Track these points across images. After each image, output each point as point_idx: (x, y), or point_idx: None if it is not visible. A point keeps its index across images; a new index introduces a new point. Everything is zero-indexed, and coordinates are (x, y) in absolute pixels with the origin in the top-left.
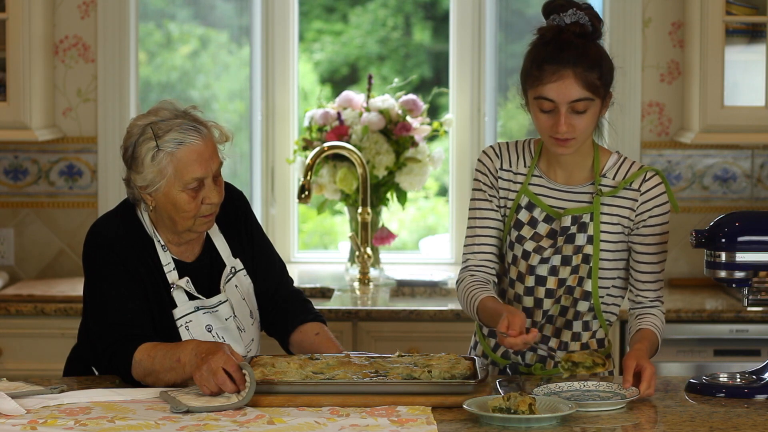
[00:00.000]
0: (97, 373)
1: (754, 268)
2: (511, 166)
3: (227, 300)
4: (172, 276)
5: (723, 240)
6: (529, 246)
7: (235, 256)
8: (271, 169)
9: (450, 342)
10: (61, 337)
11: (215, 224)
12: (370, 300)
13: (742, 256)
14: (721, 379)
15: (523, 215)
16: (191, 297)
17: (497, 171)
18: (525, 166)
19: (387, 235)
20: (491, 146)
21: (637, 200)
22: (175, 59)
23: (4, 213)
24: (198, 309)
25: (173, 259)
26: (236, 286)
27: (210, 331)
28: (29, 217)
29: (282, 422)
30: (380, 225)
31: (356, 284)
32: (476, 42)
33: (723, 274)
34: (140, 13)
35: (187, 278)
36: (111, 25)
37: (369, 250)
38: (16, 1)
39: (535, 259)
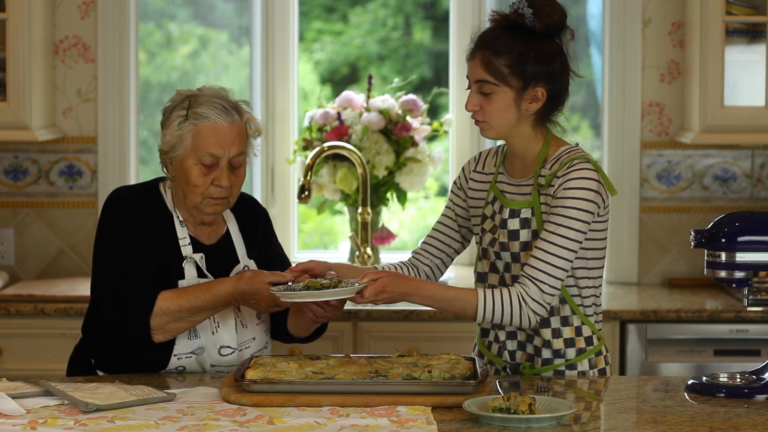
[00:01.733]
0: (94, 362)
1: (754, 268)
2: (484, 168)
3: None
4: (186, 250)
5: (723, 240)
6: (487, 238)
7: (249, 257)
8: (271, 169)
9: (450, 342)
10: (62, 337)
11: (235, 222)
12: None
13: (742, 256)
14: (721, 379)
15: (488, 210)
16: (200, 275)
17: (470, 173)
18: (494, 165)
19: (387, 235)
20: (475, 156)
21: (554, 186)
22: (175, 59)
23: (4, 213)
24: None
25: (190, 236)
26: None
27: None
28: (29, 217)
29: (282, 422)
30: (380, 225)
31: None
32: None
33: (723, 274)
34: (140, 13)
35: (201, 255)
36: (111, 25)
37: (369, 250)
38: (16, 1)
39: (490, 254)
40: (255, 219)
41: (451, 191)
